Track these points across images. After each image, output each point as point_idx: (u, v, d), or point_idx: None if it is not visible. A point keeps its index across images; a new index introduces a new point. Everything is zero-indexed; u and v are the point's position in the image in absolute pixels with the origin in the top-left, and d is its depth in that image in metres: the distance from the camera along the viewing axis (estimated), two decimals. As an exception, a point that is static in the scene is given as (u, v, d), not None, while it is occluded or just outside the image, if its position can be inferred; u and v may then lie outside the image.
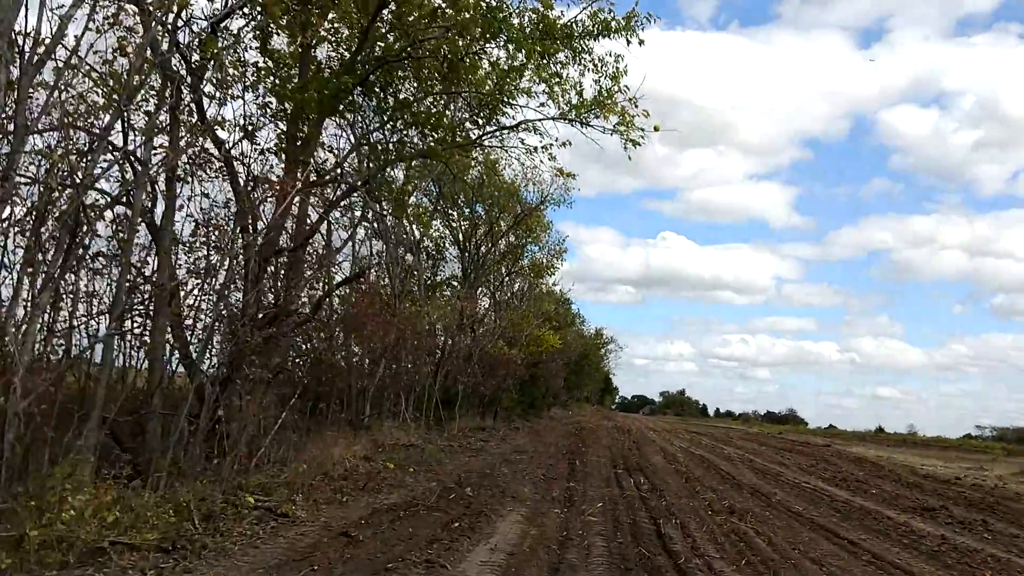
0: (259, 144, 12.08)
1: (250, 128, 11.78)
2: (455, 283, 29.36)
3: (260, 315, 11.36)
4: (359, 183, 12.33)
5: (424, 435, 20.01)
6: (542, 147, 14.24)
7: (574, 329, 62.61)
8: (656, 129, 13.68)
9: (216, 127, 10.46)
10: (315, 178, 12.75)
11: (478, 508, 10.59)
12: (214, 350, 10.79)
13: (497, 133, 14.05)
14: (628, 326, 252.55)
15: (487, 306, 33.55)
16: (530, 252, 33.93)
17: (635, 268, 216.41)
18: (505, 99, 13.38)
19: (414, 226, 23.01)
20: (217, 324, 10.91)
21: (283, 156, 12.00)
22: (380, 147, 12.93)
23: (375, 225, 16.28)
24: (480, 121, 13.72)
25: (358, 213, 15.67)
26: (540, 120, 13.70)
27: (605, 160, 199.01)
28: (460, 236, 29.11)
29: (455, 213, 29.46)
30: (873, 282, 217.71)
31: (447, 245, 29.56)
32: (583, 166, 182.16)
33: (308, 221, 13.08)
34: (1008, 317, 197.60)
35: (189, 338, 10.59)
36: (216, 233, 10.05)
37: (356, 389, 17.44)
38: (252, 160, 11.54)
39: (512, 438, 25.95)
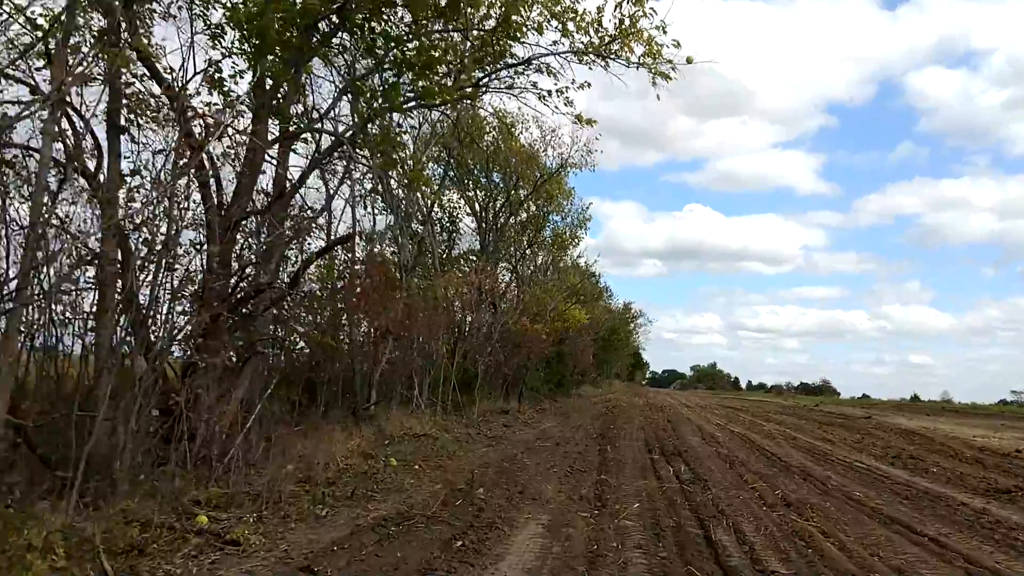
0: (228, 90, 10.27)
1: (211, 71, 9.95)
2: (473, 257, 27.46)
3: (231, 290, 9.60)
4: (344, 136, 10.42)
5: (439, 423, 18.23)
6: (556, 90, 12.27)
7: (601, 304, 60.67)
8: (689, 61, 11.66)
9: (159, 65, 8.68)
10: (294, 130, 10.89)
11: (490, 517, 8.75)
12: (173, 332, 9.00)
13: (503, 74, 12.06)
14: (656, 300, 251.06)
15: (508, 280, 31.65)
16: (552, 223, 31.90)
17: (661, 241, 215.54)
18: (512, 34, 11.42)
19: (420, 193, 21.15)
20: (176, 301, 9.13)
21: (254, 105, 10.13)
22: (370, 93, 11.03)
23: (376, 188, 14.45)
24: (485, 60, 11.73)
25: (356, 175, 13.84)
26: (552, 55, 11.73)
27: (627, 134, 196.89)
28: (476, 206, 27.19)
29: (470, 182, 27.54)
30: (902, 248, 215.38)
31: (462, 216, 27.71)
32: (604, 141, 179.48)
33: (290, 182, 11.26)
34: None
35: (143, 318, 8.80)
36: (167, 193, 8.22)
37: (361, 373, 15.67)
38: (220, 111, 9.70)
39: (538, 422, 24.13)
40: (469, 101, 13.26)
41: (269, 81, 10.01)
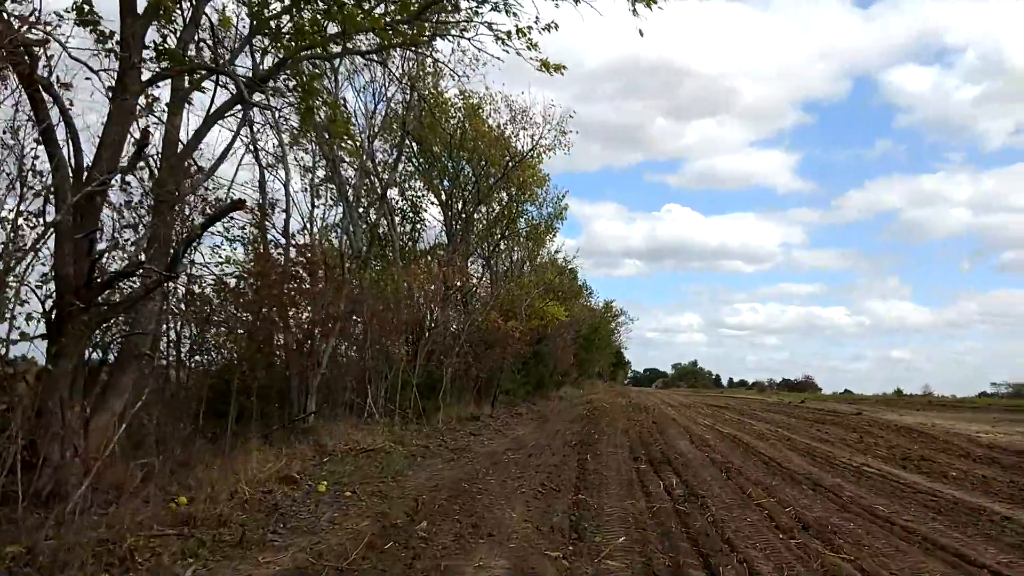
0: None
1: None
2: (440, 252, 25.23)
3: (89, 275, 7.34)
4: (246, 86, 8.17)
5: (395, 434, 15.99)
6: (517, 30, 10.08)
7: (581, 301, 58.63)
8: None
9: None
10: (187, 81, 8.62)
11: (427, 567, 6.51)
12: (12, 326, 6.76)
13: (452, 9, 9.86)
14: (637, 299, 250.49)
15: (480, 275, 29.47)
16: (526, 213, 29.67)
17: (642, 241, 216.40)
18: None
19: (376, 177, 18.94)
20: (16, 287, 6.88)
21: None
22: (284, 34, 8.83)
23: (286, 144, 12.34)
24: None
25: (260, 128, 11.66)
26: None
27: (607, 135, 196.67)
28: (442, 196, 24.93)
29: (435, 171, 25.28)
30: (880, 244, 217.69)
31: (427, 205, 25.43)
32: (584, 143, 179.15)
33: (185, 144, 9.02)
34: (1015, 272, 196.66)
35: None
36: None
37: (298, 379, 13.42)
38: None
39: (511, 428, 21.88)
40: (413, 49, 11.02)
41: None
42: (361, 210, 21.81)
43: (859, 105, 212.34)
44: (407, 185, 24.65)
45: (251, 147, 14.54)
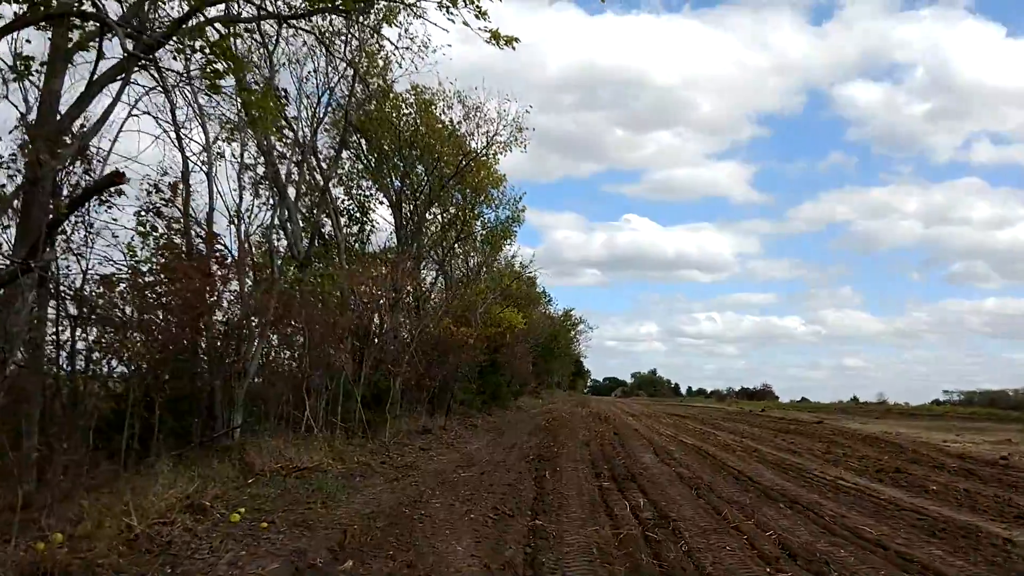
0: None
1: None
2: (391, 255, 23.78)
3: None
4: (130, 38, 6.75)
5: (335, 450, 14.54)
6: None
7: (540, 309, 57.49)
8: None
9: None
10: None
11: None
12: None
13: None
14: (597, 308, 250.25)
15: (433, 280, 28.11)
16: (483, 216, 28.32)
17: (600, 251, 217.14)
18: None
19: (317, 171, 17.50)
20: None
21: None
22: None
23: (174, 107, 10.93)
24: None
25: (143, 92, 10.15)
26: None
27: (566, 146, 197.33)
28: (392, 195, 23.48)
29: (385, 167, 23.85)
30: (834, 254, 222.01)
31: (375, 205, 23.94)
32: (544, 154, 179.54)
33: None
34: (963, 283, 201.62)
35: None
36: None
37: (220, 390, 11.94)
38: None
39: (465, 442, 20.50)
40: (346, 16, 9.68)
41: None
42: (306, 210, 20.38)
43: (812, 119, 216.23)
44: (354, 184, 23.26)
45: (171, 127, 13.04)
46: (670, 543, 8.83)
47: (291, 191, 17.02)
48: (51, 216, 6.79)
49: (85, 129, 7.92)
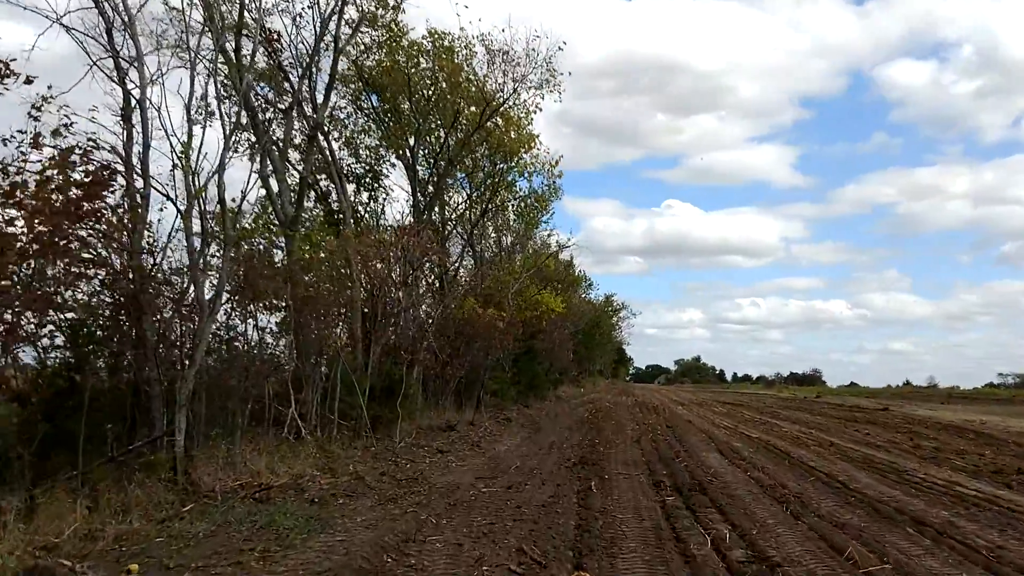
0: None
1: None
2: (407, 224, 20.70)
3: None
4: None
5: (328, 457, 11.59)
6: None
7: (580, 294, 54.14)
8: None
9: None
10: None
11: None
12: None
13: None
14: (638, 296, 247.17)
15: (459, 258, 24.99)
16: (514, 183, 24.97)
17: (641, 238, 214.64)
18: None
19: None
20: None
21: None
22: None
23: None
24: None
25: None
26: None
27: (604, 132, 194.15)
28: (408, 155, 20.33)
29: (405, 130, 20.71)
30: (879, 237, 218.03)
31: (387, 168, 20.82)
32: (582, 140, 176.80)
33: None
34: (1015, 263, 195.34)
35: None
36: None
37: (158, 386, 8.97)
38: None
39: (493, 440, 17.36)
40: None
41: None
42: (299, 168, 17.44)
43: (855, 100, 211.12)
44: (361, 143, 20.23)
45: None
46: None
47: (275, 143, 14.03)
48: None
49: None
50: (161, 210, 10.36)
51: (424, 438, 15.78)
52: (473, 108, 20.65)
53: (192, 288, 9.66)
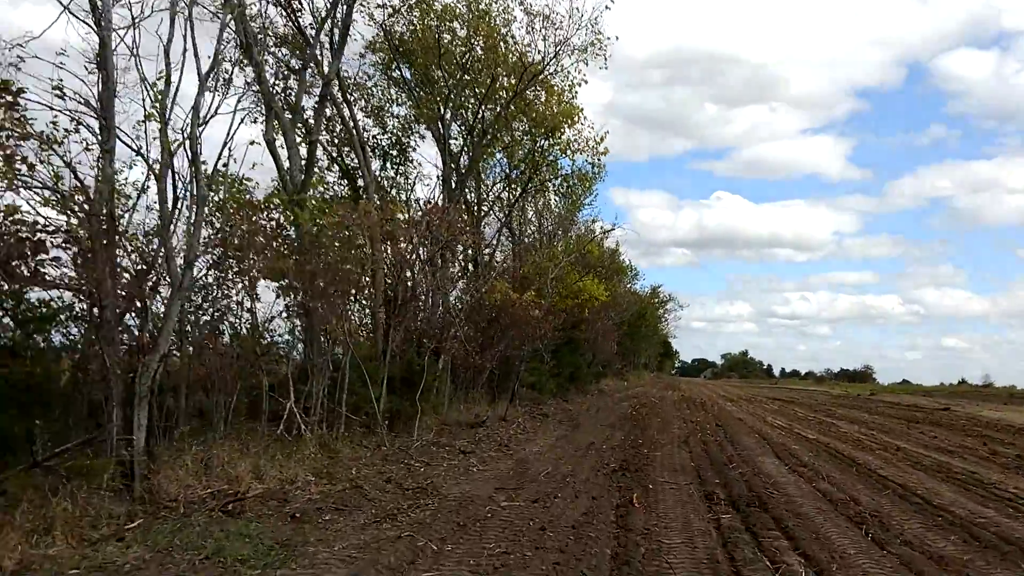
0: None
1: None
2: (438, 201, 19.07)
3: None
4: None
5: (330, 457, 10.08)
6: None
7: (625, 284, 52.15)
8: None
9: None
10: None
11: None
12: None
13: None
14: (685, 289, 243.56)
15: (494, 239, 23.35)
16: (557, 161, 23.16)
17: (689, 230, 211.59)
18: None
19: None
20: None
21: None
22: None
23: None
24: None
25: None
26: None
27: (654, 123, 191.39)
28: (438, 128, 18.71)
29: (436, 97, 19.08)
30: (934, 231, 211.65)
31: (416, 141, 19.23)
32: (631, 131, 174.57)
33: None
34: None
35: None
36: None
37: (118, 381, 7.51)
38: None
39: (526, 439, 15.72)
40: None
41: None
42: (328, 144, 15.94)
43: (912, 91, 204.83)
44: (388, 112, 18.68)
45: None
46: None
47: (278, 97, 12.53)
48: None
49: None
50: (146, 175, 8.88)
51: (447, 436, 14.21)
52: (512, 79, 18.98)
53: (165, 259, 8.20)
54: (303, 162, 12.52)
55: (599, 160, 22.39)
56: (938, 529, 8.69)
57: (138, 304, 7.81)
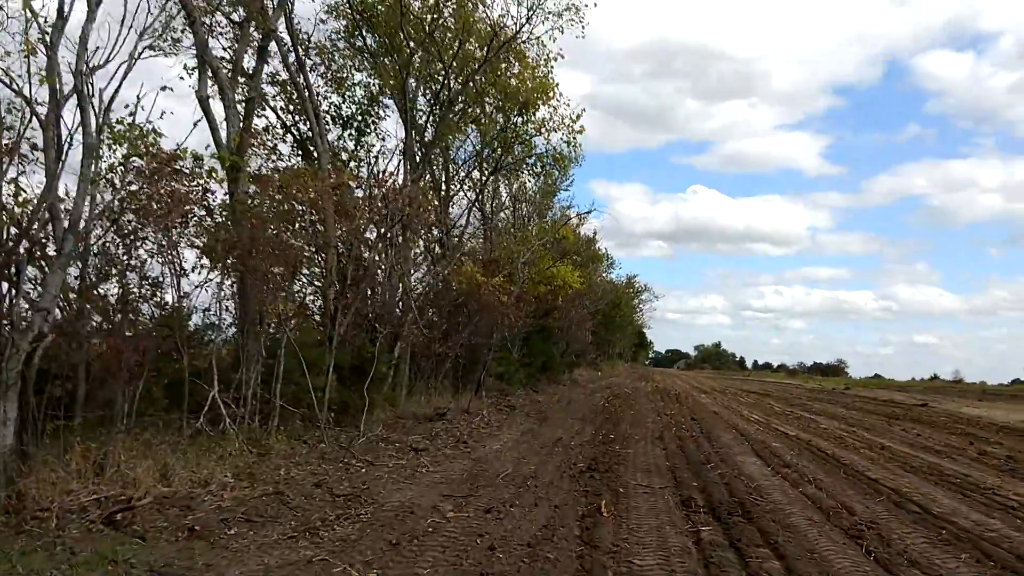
0: None
1: None
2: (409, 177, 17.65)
3: None
4: None
5: (259, 455, 8.80)
6: None
7: (601, 273, 50.93)
8: None
9: None
10: None
11: None
12: None
13: None
14: (661, 280, 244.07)
15: (460, 217, 22.04)
16: (530, 138, 21.82)
17: (666, 222, 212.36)
18: None
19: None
20: None
21: None
22: None
23: None
24: None
25: None
26: None
27: (635, 116, 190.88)
28: (400, 97, 17.25)
29: (394, 58, 17.66)
30: (909, 229, 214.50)
31: (382, 111, 17.81)
32: (611, 123, 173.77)
33: None
34: None
35: None
36: None
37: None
38: None
39: (488, 433, 14.49)
40: None
41: None
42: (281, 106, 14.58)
43: (890, 90, 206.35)
44: (348, 77, 17.25)
45: None
46: None
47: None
48: None
49: None
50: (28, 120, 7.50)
51: (400, 430, 12.94)
52: (482, 50, 17.66)
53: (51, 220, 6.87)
54: (241, 124, 11.17)
55: (575, 140, 21.10)
56: (944, 545, 7.64)
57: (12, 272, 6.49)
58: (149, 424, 8.57)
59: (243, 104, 11.12)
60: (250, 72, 11.80)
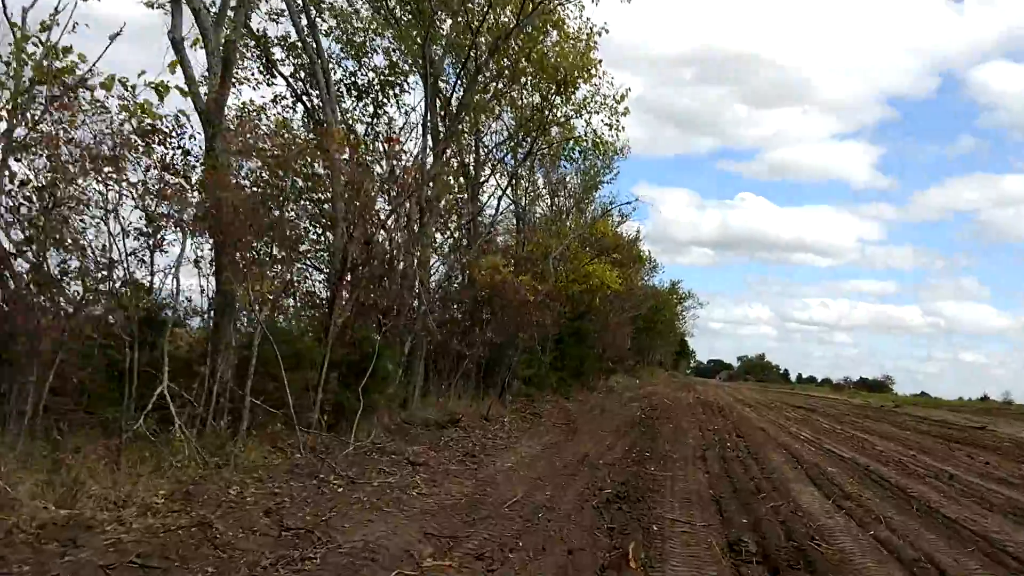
0: None
1: None
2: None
3: None
4: None
5: (218, 466, 7.16)
6: None
7: (643, 277, 48.81)
8: None
9: None
10: None
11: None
12: None
13: None
14: (705, 288, 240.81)
15: (488, 201, 20.25)
16: (570, 120, 19.99)
17: (712, 230, 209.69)
18: None
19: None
20: None
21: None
22: None
23: None
24: None
25: None
26: None
27: (682, 121, 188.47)
28: (423, 64, 15.47)
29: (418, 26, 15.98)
30: (959, 243, 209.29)
31: (401, 80, 16.08)
32: (658, 128, 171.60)
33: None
34: None
35: None
36: None
37: None
38: None
39: (503, 447, 12.64)
40: None
41: None
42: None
43: (944, 102, 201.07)
44: (366, 41, 15.59)
45: None
46: None
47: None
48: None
49: None
50: None
51: (402, 438, 11.20)
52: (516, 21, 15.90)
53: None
54: (221, 70, 9.57)
55: (618, 123, 19.20)
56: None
57: None
58: (77, 425, 6.95)
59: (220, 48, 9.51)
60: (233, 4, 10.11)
